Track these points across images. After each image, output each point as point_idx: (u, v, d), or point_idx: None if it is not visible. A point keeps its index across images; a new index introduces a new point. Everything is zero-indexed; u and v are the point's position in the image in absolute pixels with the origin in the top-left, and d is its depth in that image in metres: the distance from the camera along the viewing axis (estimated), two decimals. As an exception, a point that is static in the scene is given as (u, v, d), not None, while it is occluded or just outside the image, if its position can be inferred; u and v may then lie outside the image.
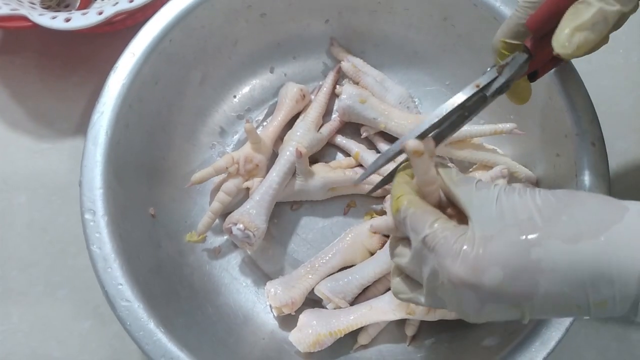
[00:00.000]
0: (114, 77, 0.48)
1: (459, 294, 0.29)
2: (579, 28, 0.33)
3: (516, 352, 0.41)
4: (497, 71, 0.38)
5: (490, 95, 0.38)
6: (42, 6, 0.61)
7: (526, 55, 0.38)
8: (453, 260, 0.29)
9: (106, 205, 0.44)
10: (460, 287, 0.29)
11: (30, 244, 0.55)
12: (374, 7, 0.56)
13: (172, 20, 0.50)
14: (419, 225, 0.30)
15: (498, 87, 0.38)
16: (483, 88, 0.38)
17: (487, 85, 0.38)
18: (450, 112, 0.37)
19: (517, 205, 0.29)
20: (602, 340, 0.52)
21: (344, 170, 0.54)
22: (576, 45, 0.33)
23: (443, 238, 0.29)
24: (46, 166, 0.58)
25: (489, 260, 0.28)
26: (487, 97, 0.38)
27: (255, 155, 0.52)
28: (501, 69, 0.38)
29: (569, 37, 0.33)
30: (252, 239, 0.49)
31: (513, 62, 0.38)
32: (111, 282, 0.42)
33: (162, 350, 0.41)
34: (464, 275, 0.28)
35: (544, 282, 0.27)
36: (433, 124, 0.37)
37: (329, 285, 0.49)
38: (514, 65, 0.38)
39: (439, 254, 0.29)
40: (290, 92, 0.55)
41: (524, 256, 0.28)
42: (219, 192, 0.52)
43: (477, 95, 0.38)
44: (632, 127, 0.59)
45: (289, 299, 0.48)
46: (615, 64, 0.61)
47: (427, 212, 0.31)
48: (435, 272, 0.30)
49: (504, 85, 0.38)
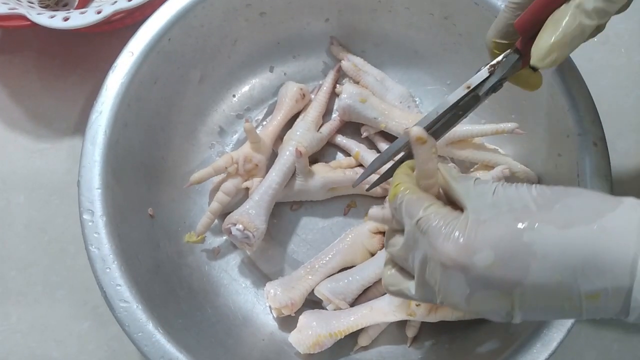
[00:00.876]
0: (112, 76, 0.48)
1: (448, 277, 0.29)
2: (557, 44, 0.34)
3: (517, 354, 0.41)
4: (488, 71, 0.39)
5: (482, 94, 0.39)
6: (40, 5, 0.61)
7: (517, 55, 0.38)
8: (444, 240, 0.29)
9: (105, 206, 0.44)
10: (450, 269, 0.28)
11: (29, 244, 0.55)
12: (374, 6, 0.55)
13: (171, 19, 0.50)
14: (414, 209, 0.31)
15: (490, 86, 0.39)
16: (475, 88, 0.39)
17: (479, 85, 0.39)
18: (444, 113, 0.39)
19: (513, 196, 0.29)
20: (603, 341, 0.51)
21: (344, 170, 0.53)
22: (552, 61, 0.35)
23: (436, 220, 0.30)
24: (45, 166, 0.58)
25: (480, 242, 0.28)
26: (480, 96, 0.39)
27: (254, 155, 0.52)
28: (493, 69, 0.39)
29: (547, 52, 0.34)
30: (251, 239, 0.49)
31: (505, 63, 0.39)
32: (110, 283, 0.42)
33: (160, 351, 0.41)
34: (454, 255, 0.28)
35: (535, 267, 0.27)
36: (426, 125, 0.39)
37: (329, 286, 0.48)
38: (505, 65, 0.38)
39: (431, 235, 0.29)
40: (290, 91, 0.55)
41: (517, 239, 0.28)
42: (218, 193, 0.51)
43: (470, 95, 0.39)
44: (633, 126, 0.59)
45: (289, 300, 0.47)
46: (617, 63, 0.61)
47: (423, 198, 0.31)
48: (426, 257, 0.30)
49: (496, 84, 0.39)
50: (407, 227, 0.31)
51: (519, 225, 0.28)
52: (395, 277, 0.34)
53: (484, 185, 0.31)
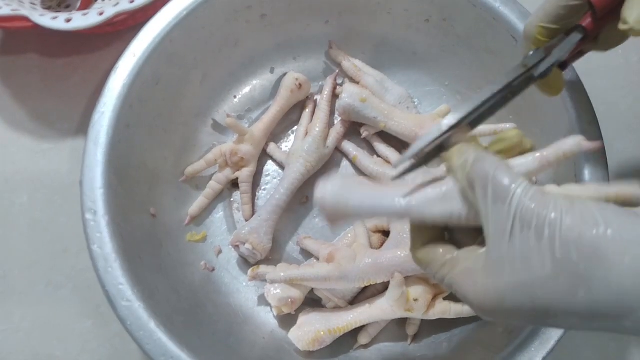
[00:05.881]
0: (114, 77, 0.48)
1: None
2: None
3: (516, 352, 0.41)
4: (544, 52, 0.37)
5: (537, 76, 0.37)
6: (43, 7, 0.62)
7: (580, 35, 0.36)
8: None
9: (107, 205, 0.44)
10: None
11: (32, 244, 0.55)
12: (373, 8, 0.56)
13: (173, 21, 0.50)
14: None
15: (545, 68, 0.36)
16: (530, 68, 0.36)
17: (534, 66, 0.36)
18: (497, 92, 0.35)
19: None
20: (601, 340, 0.52)
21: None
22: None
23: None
24: (47, 166, 0.58)
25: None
26: (534, 77, 0.37)
27: (240, 147, 0.53)
28: (549, 50, 0.37)
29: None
30: (257, 256, 0.51)
31: (565, 43, 0.36)
32: (112, 282, 0.42)
33: (162, 350, 0.41)
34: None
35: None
36: (477, 105, 0.34)
37: (329, 284, 0.49)
38: (566, 45, 0.36)
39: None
40: (286, 81, 0.55)
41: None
42: (211, 182, 0.54)
43: (524, 75, 0.36)
44: (631, 127, 0.59)
45: (289, 298, 0.48)
46: (615, 64, 0.61)
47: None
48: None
49: (550, 68, 0.36)
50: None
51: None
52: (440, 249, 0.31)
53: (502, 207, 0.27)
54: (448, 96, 0.57)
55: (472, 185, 0.28)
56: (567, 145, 0.31)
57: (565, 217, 0.25)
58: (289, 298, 0.48)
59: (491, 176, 0.27)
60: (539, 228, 0.25)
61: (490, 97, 0.35)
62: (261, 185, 0.56)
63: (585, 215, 0.25)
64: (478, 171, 0.28)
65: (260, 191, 0.56)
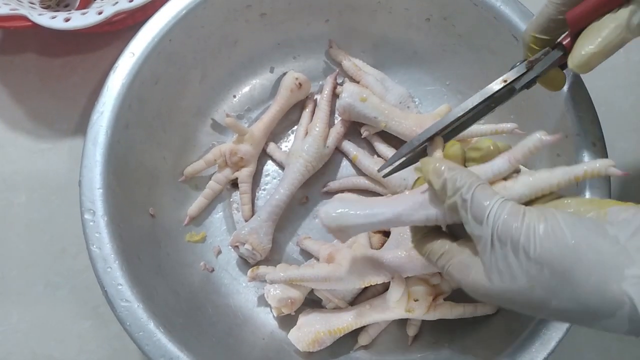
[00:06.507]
0: (113, 77, 0.48)
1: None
2: (599, 54, 0.35)
3: (516, 353, 0.41)
4: (526, 66, 0.39)
5: (519, 88, 0.39)
6: (41, 6, 0.61)
7: (560, 52, 0.38)
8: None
9: (106, 206, 0.44)
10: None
11: (30, 244, 0.55)
12: (374, 7, 0.56)
13: (172, 20, 0.50)
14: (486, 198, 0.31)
15: (527, 81, 0.39)
16: (512, 82, 0.39)
17: (516, 80, 0.39)
18: (477, 105, 0.39)
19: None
20: (602, 340, 0.52)
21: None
22: (590, 68, 0.36)
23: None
24: (46, 166, 0.58)
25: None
26: (516, 89, 0.39)
27: (239, 147, 0.53)
28: (531, 65, 0.39)
29: (588, 60, 0.35)
30: (257, 257, 0.51)
31: (546, 59, 0.39)
32: (111, 282, 0.42)
33: (161, 351, 0.41)
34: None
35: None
36: (458, 116, 0.39)
37: (329, 285, 0.48)
38: (546, 61, 0.39)
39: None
40: (286, 80, 0.55)
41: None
42: (210, 182, 0.54)
43: (506, 87, 0.39)
44: (632, 127, 0.59)
45: (289, 299, 0.48)
46: (616, 64, 0.61)
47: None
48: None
49: (532, 80, 0.39)
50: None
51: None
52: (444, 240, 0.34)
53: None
54: (449, 96, 0.57)
55: (449, 201, 0.32)
56: (531, 141, 0.34)
57: (537, 236, 0.28)
58: (288, 299, 0.47)
59: (469, 196, 0.31)
60: (514, 246, 0.29)
61: (472, 108, 0.39)
62: (261, 185, 0.56)
63: (557, 234, 0.28)
64: (455, 190, 0.31)
65: (260, 191, 0.56)
